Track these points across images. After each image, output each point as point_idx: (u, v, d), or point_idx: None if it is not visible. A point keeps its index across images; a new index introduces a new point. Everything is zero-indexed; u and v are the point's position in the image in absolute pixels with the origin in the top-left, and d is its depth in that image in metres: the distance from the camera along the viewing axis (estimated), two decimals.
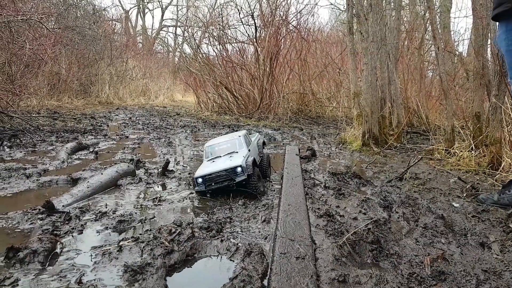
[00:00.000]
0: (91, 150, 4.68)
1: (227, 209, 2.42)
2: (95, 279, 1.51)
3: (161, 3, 31.89)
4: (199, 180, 2.67)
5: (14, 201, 2.64)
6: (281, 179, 3.02)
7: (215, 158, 2.97)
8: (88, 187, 2.73)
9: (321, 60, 10.45)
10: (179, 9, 30.70)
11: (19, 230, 2.05)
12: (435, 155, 4.28)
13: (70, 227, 2.07)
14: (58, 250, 1.79)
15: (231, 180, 2.66)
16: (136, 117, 9.58)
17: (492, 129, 3.40)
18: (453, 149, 4.11)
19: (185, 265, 1.69)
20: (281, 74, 10.05)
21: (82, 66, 13.26)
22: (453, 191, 2.86)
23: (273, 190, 2.96)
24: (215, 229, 2.00)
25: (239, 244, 1.82)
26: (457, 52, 7.81)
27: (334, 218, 2.19)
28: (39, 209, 2.28)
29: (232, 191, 2.71)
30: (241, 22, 10.89)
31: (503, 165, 3.25)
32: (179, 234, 1.86)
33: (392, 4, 6.83)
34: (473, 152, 3.81)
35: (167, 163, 3.46)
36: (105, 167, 3.46)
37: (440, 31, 6.76)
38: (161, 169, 3.42)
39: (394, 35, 6.12)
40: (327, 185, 2.97)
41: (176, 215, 2.35)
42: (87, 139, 5.50)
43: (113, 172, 3.11)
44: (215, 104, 11.31)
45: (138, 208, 2.49)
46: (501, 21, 2.21)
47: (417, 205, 2.46)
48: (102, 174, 3.03)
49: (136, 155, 4.40)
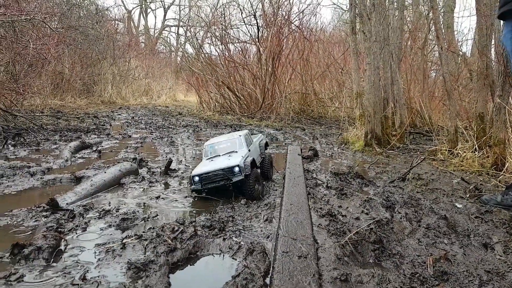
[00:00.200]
0: (94, 149, 4.70)
1: (230, 208, 2.43)
2: (99, 276, 1.52)
3: (163, 3, 32.03)
4: (196, 178, 2.64)
5: (18, 199, 2.67)
6: (283, 178, 3.02)
7: (214, 157, 2.94)
8: (91, 186, 2.75)
9: (324, 60, 10.44)
10: (181, 9, 30.72)
11: (24, 227, 2.07)
12: (438, 155, 4.26)
13: (74, 224, 2.09)
14: (62, 247, 1.81)
15: (228, 179, 2.60)
16: (138, 117, 9.61)
17: (496, 130, 3.39)
18: (456, 150, 4.09)
19: (188, 263, 1.70)
20: (283, 74, 10.04)
21: (85, 65, 13.32)
22: (456, 191, 2.85)
23: (275, 189, 2.96)
24: (217, 228, 2.01)
25: (242, 242, 1.83)
26: (461, 52, 7.77)
27: (336, 217, 2.19)
28: (44, 207, 2.30)
29: (228, 190, 2.68)
30: (244, 22, 10.93)
31: (506, 166, 3.24)
32: (182, 232, 1.87)
33: (395, 3, 6.80)
34: (476, 153, 3.80)
35: (170, 162, 3.47)
36: (108, 166, 3.48)
37: (443, 31, 6.74)
38: (163, 168, 3.44)
39: (397, 35, 6.10)
40: (329, 185, 2.97)
41: (178, 214, 2.37)
42: (90, 138, 5.53)
43: (116, 170, 3.13)
44: (217, 104, 11.31)
45: (141, 206, 2.51)
46: (506, 20, 2.20)
47: (419, 205, 2.45)
48: (105, 172, 3.05)
49: (139, 154, 4.42)
